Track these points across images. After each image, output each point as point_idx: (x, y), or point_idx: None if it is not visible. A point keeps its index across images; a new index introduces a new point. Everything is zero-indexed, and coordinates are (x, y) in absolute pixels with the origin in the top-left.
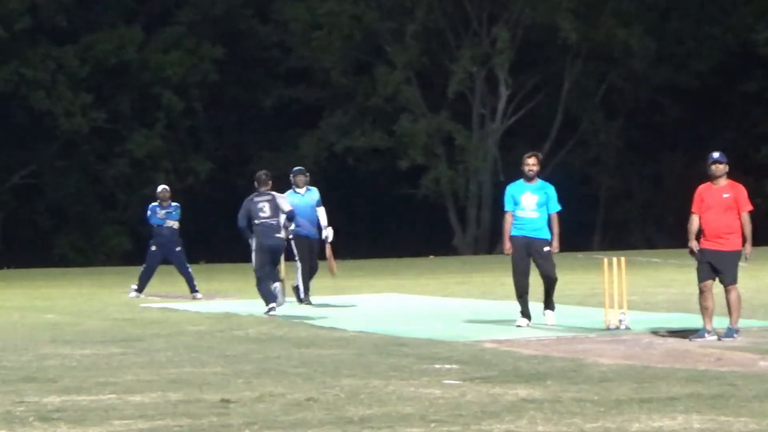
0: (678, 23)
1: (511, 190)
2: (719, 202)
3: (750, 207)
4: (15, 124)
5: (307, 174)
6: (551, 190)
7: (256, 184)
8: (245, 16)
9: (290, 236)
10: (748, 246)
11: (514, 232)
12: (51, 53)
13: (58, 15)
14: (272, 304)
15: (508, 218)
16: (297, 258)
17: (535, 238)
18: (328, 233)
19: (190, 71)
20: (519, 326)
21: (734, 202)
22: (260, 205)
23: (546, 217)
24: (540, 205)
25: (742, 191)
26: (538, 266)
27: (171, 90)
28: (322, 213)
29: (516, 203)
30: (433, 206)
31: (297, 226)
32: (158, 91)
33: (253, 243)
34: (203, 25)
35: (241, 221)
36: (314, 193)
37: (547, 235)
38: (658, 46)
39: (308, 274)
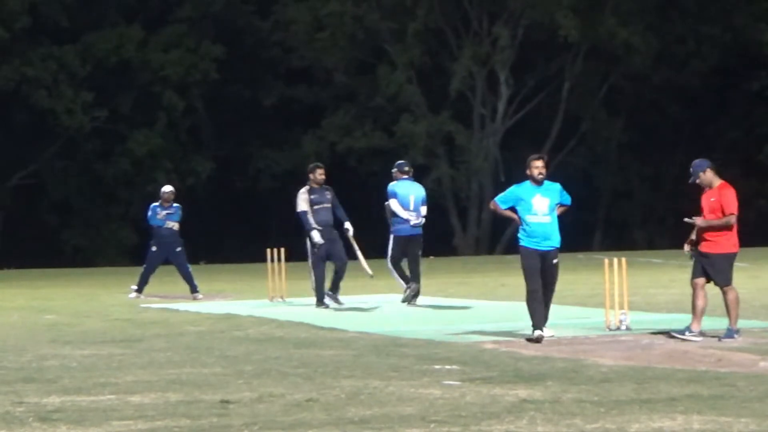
0: (679, 22)
1: (517, 191)
2: (706, 204)
3: (733, 210)
4: (16, 123)
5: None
6: (559, 188)
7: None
8: (246, 13)
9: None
10: (705, 220)
11: (527, 243)
12: (52, 52)
13: (58, 14)
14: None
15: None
16: None
17: (548, 251)
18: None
19: (190, 70)
20: (536, 338)
21: (718, 204)
22: None
23: (557, 220)
24: (551, 209)
25: (726, 195)
26: (542, 275)
27: (172, 89)
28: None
29: (527, 208)
30: (433, 206)
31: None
32: (159, 90)
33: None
34: (203, 24)
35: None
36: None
37: (558, 243)
38: (660, 45)
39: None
